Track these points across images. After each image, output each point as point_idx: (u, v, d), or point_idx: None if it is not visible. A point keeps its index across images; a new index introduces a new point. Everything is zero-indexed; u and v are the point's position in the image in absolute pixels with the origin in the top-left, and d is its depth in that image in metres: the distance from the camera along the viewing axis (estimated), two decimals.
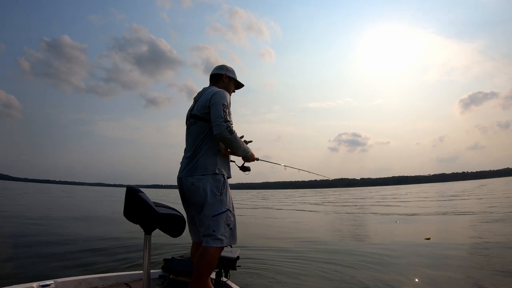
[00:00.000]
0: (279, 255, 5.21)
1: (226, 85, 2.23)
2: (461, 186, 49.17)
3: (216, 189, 1.93)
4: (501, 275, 3.67)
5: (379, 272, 4.00)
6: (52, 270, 3.93)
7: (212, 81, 2.27)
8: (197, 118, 2.03)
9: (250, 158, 2.17)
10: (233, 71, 2.31)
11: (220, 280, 2.39)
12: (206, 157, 1.97)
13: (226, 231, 1.91)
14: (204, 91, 2.14)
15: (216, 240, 1.87)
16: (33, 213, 11.53)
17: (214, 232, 1.87)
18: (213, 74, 2.27)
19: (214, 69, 2.30)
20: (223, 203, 1.94)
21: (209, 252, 1.85)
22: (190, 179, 1.94)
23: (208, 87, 2.20)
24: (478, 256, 4.74)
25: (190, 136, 2.08)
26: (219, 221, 1.89)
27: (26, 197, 23.86)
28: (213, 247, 1.86)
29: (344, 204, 21.17)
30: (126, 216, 1.70)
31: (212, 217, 1.88)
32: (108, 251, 5.30)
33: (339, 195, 40.12)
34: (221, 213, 1.90)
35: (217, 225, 1.88)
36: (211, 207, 1.89)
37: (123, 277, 2.37)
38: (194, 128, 2.05)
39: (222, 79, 2.24)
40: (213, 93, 2.01)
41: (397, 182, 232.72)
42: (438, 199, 21.62)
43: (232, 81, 2.30)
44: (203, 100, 2.03)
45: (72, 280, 2.10)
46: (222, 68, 2.28)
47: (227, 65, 2.30)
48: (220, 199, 1.93)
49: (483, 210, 11.60)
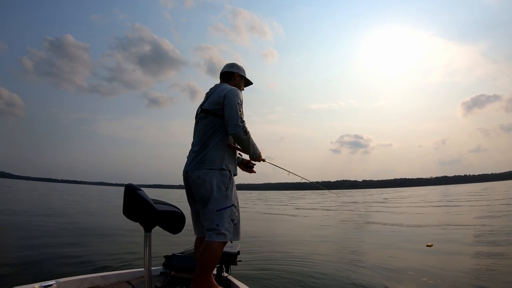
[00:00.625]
0: (280, 250, 5.25)
1: (238, 83, 2.24)
2: (465, 189, 48.74)
3: (222, 183, 1.94)
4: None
5: (385, 272, 3.98)
6: (53, 270, 3.93)
7: (223, 79, 2.27)
8: (209, 112, 2.03)
9: (258, 158, 2.20)
10: (243, 70, 2.33)
11: (221, 275, 2.40)
12: (214, 151, 1.97)
13: (230, 226, 1.91)
14: (217, 87, 2.14)
15: (220, 235, 1.87)
16: (33, 212, 11.55)
17: (218, 227, 1.87)
18: (224, 71, 2.27)
19: (225, 67, 2.29)
20: (228, 198, 1.94)
21: (212, 247, 1.85)
22: (197, 173, 1.95)
23: (220, 84, 2.21)
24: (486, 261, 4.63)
25: (199, 130, 2.08)
26: (224, 216, 1.90)
27: (29, 196, 23.94)
28: (216, 242, 1.86)
29: (339, 207, 21.05)
30: (125, 214, 1.70)
31: (217, 211, 1.89)
32: (108, 249, 5.33)
33: (332, 199, 39.92)
34: (226, 207, 1.91)
35: (221, 220, 1.89)
36: (216, 201, 1.90)
37: (125, 275, 2.37)
38: (204, 122, 2.06)
39: (234, 77, 2.25)
40: (228, 90, 2.02)
41: (399, 185, 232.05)
42: (447, 204, 20.62)
43: (243, 79, 2.31)
44: (216, 96, 2.04)
45: (74, 279, 2.10)
46: (233, 66, 2.28)
47: (237, 63, 2.30)
48: (225, 194, 1.94)
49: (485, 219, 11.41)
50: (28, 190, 35.54)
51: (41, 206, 15.10)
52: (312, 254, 5.14)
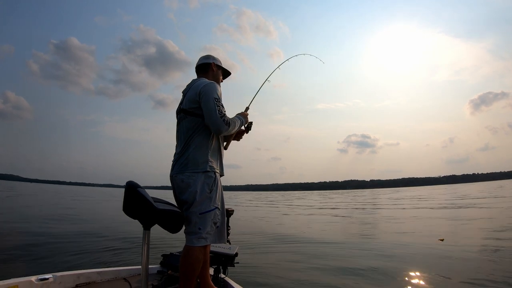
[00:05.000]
0: (277, 252, 5.22)
1: (215, 74, 2.16)
2: (477, 188, 47.65)
3: (207, 185, 1.86)
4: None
5: (387, 272, 3.94)
6: (50, 264, 4.00)
7: (200, 72, 2.18)
8: (187, 112, 1.95)
9: (247, 125, 2.28)
10: (219, 60, 2.24)
11: (218, 276, 2.39)
12: (196, 153, 1.89)
13: (212, 229, 1.87)
14: (193, 83, 2.05)
15: (201, 239, 1.82)
16: (38, 212, 11.75)
17: (200, 230, 1.82)
18: (200, 64, 2.18)
19: (200, 59, 2.21)
20: (212, 200, 1.88)
21: (193, 252, 1.81)
22: (181, 176, 1.88)
23: (197, 78, 2.11)
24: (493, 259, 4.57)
25: (180, 132, 1.99)
26: (206, 219, 1.84)
27: (36, 197, 24.30)
28: (197, 247, 1.82)
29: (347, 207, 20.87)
30: (125, 212, 1.71)
31: (200, 214, 1.83)
32: (106, 246, 5.38)
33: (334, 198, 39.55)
34: (209, 211, 1.85)
35: (204, 223, 1.83)
36: (199, 204, 1.84)
37: (122, 272, 2.38)
38: (184, 123, 1.97)
39: (211, 68, 2.16)
40: (202, 86, 1.93)
41: (407, 184, 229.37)
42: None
43: (220, 69, 2.23)
44: (192, 93, 1.95)
45: (71, 274, 2.12)
46: (208, 57, 2.20)
47: (212, 55, 2.23)
48: (209, 196, 1.87)
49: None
50: (33, 192, 36.08)
51: (42, 206, 15.32)
52: (313, 255, 5.07)
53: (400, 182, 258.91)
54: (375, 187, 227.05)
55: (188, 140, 1.92)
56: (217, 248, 2.43)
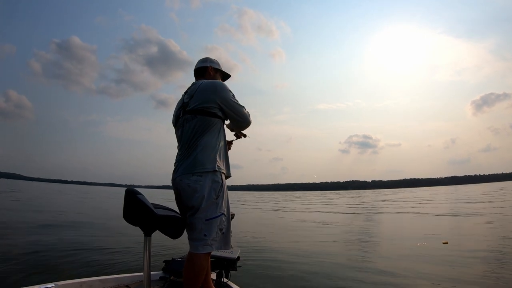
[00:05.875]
0: (279, 256, 5.19)
1: (212, 77, 2.12)
2: (479, 189, 47.45)
3: (214, 191, 1.81)
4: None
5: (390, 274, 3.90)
6: (52, 272, 3.94)
7: (198, 76, 2.15)
8: (196, 112, 1.88)
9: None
10: (218, 63, 2.20)
11: (220, 280, 2.37)
12: (204, 153, 1.84)
13: (217, 236, 1.82)
14: (197, 84, 1.98)
15: (206, 245, 1.78)
16: (38, 215, 11.50)
17: (205, 237, 1.77)
18: (198, 68, 2.15)
19: (198, 62, 2.18)
20: (218, 206, 1.83)
21: (199, 259, 1.77)
22: (186, 181, 1.81)
23: (199, 81, 2.04)
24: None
25: (185, 134, 1.92)
26: (212, 226, 1.79)
27: (37, 199, 24.28)
28: (202, 254, 1.78)
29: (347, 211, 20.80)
30: (125, 218, 1.69)
31: (206, 220, 1.78)
32: (108, 253, 5.34)
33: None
34: (215, 217, 1.80)
35: (209, 230, 1.78)
36: (205, 210, 1.78)
37: (124, 279, 2.35)
38: (191, 124, 1.89)
39: (208, 72, 2.13)
40: (218, 85, 1.94)
41: (408, 185, 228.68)
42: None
43: (218, 72, 2.19)
44: (204, 93, 1.90)
45: (73, 283, 2.09)
46: (206, 60, 2.17)
47: (210, 57, 2.19)
48: (216, 202, 1.82)
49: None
50: (34, 191, 36.13)
51: (43, 207, 15.29)
52: (316, 259, 5.04)
53: (402, 183, 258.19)
54: (376, 188, 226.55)
55: (195, 141, 1.86)
56: (219, 252, 2.38)
